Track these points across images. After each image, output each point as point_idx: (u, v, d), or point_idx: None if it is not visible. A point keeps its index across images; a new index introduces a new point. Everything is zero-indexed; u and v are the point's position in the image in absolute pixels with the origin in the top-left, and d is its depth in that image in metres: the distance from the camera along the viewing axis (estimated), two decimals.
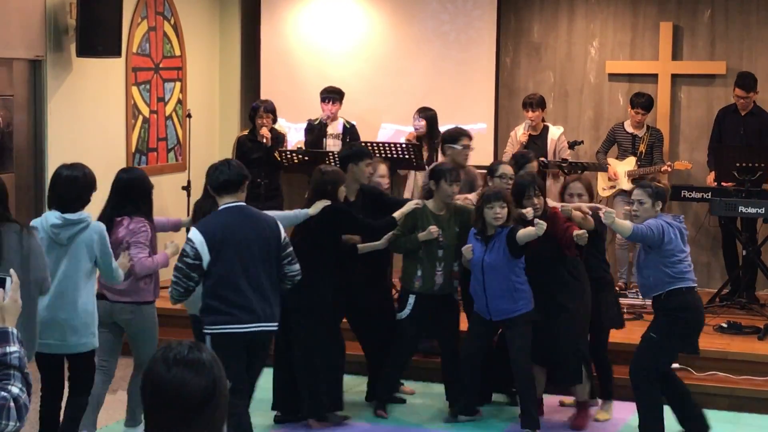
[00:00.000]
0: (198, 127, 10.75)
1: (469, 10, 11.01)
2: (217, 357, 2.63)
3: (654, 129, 10.40)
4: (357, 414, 7.83)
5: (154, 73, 10.55)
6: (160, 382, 2.50)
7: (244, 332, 6.15)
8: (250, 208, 6.34)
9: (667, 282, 6.91)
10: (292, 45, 11.45)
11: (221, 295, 6.14)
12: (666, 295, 6.91)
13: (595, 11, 11.03)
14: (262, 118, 9.85)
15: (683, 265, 6.93)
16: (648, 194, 6.99)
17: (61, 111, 9.33)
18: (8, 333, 3.16)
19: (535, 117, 10.12)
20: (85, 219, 6.26)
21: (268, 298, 6.22)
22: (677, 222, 7.00)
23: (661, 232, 6.84)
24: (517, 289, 7.24)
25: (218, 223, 6.20)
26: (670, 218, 7.02)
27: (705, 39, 10.75)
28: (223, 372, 2.59)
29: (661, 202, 7.03)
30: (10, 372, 3.09)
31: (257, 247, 6.18)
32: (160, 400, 2.50)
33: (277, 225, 6.32)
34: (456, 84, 11.03)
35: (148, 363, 2.58)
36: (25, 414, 3.06)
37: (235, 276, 6.13)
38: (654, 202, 6.99)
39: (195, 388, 2.49)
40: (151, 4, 10.41)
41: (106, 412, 7.82)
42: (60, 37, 9.28)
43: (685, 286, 6.92)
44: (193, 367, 2.51)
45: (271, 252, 6.24)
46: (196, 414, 2.50)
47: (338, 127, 10.27)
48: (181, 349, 2.55)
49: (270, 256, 6.23)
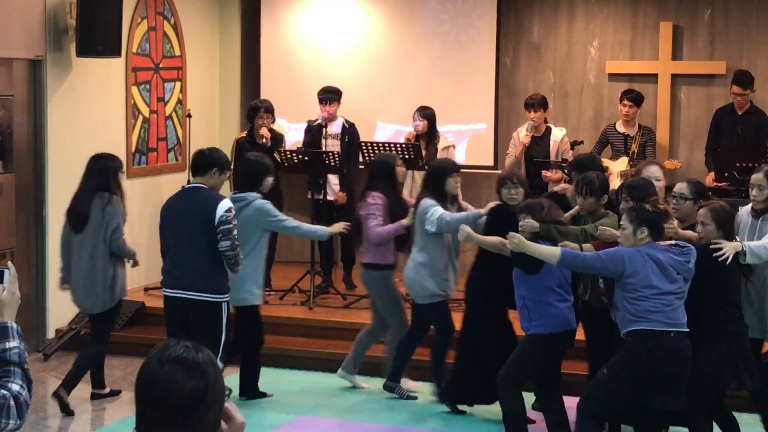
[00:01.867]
0: (198, 127, 10.75)
1: (469, 10, 11.01)
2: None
3: (646, 128, 10.39)
4: (357, 414, 7.84)
5: (154, 73, 10.55)
6: (151, 379, 2.46)
7: (170, 296, 7.18)
8: (200, 190, 7.15)
9: (628, 320, 6.08)
10: (292, 45, 11.45)
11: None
12: (626, 335, 6.10)
13: (595, 11, 11.03)
14: (262, 119, 9.85)
15: (650, 303, 6.00)
16: (629, 219, 6.16)
17: (61, 111, 9.33)
18: (7, 328, 3.13)
19: (538, 117, 10.10)
20: (245, 198, 7.63)
21: (195, 269, 7.05)
22: (668, 254, 6.08)
23: (617, 261, 6.03)
24: (531, 309, 6.71)
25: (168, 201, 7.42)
26: (660, 248, 6.10)
27: (705, 39, 10.75)
28: (220, 376, 2.54)
29: (647, 228, 6.10)
30: (10, 369, 3.07)
31: (189, 222, 7.05)
32: (151, 397, 2.46)
33: (213, 207, 7.00)
34: (456, 84, 11.03)
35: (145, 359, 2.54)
36: (26, 411, 3.04)
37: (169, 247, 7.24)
38: (636, 229, 6.12)
39: (185, 388, 2.44)
40: (151, 4, 10.41)
41: (106, 411, 7.84)
42: (60, 36, 9.28)
43: (646, 328, 6.02)
44: (186, 367, 2.47)
45: (200, 228, 7.03)
46: (185, 415, 2.45)
47: (337, 126, 10.26)
48: (177, 347, 2.51)
49: (200, 231, 7.03)
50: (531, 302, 6.69)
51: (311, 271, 9.76)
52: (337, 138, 10.19)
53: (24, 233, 9.18)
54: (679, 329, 6.05)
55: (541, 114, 10.14)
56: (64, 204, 9.37)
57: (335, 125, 10.26)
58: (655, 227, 6.12)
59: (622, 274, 6.03)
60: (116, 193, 7.81)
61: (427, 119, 9.90)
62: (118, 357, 9.10)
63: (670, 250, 6.09)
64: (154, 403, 2.46)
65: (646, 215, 6.13)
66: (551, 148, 10.07)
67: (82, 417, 7.70)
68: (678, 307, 6.07)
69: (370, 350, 8.77)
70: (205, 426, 2.48)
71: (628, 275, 6.01)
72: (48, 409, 7.98)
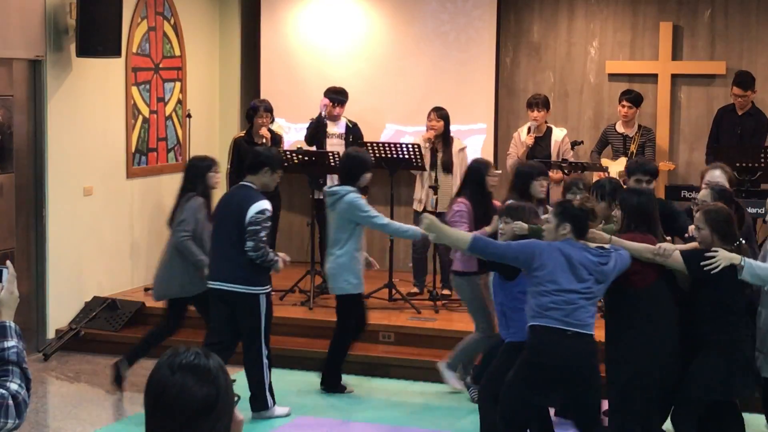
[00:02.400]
0: (198, 127, 10.75)
1: (469, 10, 11.01)
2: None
3: (645, 128, 10.39)
4: (357, 414, 7.84)
5: (154, 73, 10.55)
6: (162, 386, 2.45)
7: (211, 288, 7.53)
8: (244, 188, 7.47)
9: (529, 315, 5.98)
10: (292, 45, 11.45)
11: None
12: (527, 330, 6.01)
13: (595, 11, 11.03)
14: (261, 118, 9.85)
15: (549, 299, 5.86)
16: (554, 213, 6.10)
17: (61, 111, 9.33)
18: (6, 327, 3.14)
19: (540, 117, 10.09)
20: (338, 191, 7.91)
21: (231, 262, 7.38)
22: (583, 253, 5.94)
23: (528, 253, 5.95)
24: (508, 316, 6.57)
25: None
26: (577, 247, 5.96)
27: (705, 39, 10.75)
28: (230, 382, 2.52)
29: (569, 224, 5.97)
30: (8, 368, 3.07)
31: (228, 219, 7.41)
32: (161, 405, 2.44)
33: (247, 206, 7.32)
34: (456, 84, 11.02)
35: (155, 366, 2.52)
36: (24, 410, 3.03)
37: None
38: (559, 224, 6.02)
39: (197, 396, 2.43)
40: (151, 4, 10.40)
41: (106, 411, 7.84)
42: (60, 37, 9.28)
43: (541, 324, 5.90)
44: (197, 374, 2.45)
45: (235, 224, 7.38)
46: (196, 422, 2.43)
47: (341, 126, 10.26)
48: (187, 354, 2.49)
49: (234, 227, 7.38)
50: (508, 309, 6.54)
51: (311, 271, 9.75)
52: (341, 138, 10.20)
53: (24, 233, 9.18)
54: (579, 330, 5.87)
55: (544, 114, 10.14)
56: (64, 204, 9.40)
57: (339, 125, 10.25)
58: (579, 224, 6.01)
59: (530, 266, 5.94)
60: (203, 193, 7.99)
61: (443, 120, 9.87)
62: (118, 357, 9.09)
63: (587, 250, 5.96)
64: (166, 410, 2.44)
65: (571, 211, 6.04)
66: (552, 148, 10.07)
67: (81, 417, 7.70)
68: (582, 307, 5.89)
69: (370, 350, 8.79)
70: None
71: (536, 268, 5.92)
72: (48, 409, 7.98)
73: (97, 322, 9.47)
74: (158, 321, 8.46)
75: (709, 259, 6.03)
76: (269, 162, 7.55)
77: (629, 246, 6.15)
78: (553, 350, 5.89)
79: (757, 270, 6.05)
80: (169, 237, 8.13)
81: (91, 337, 9.34)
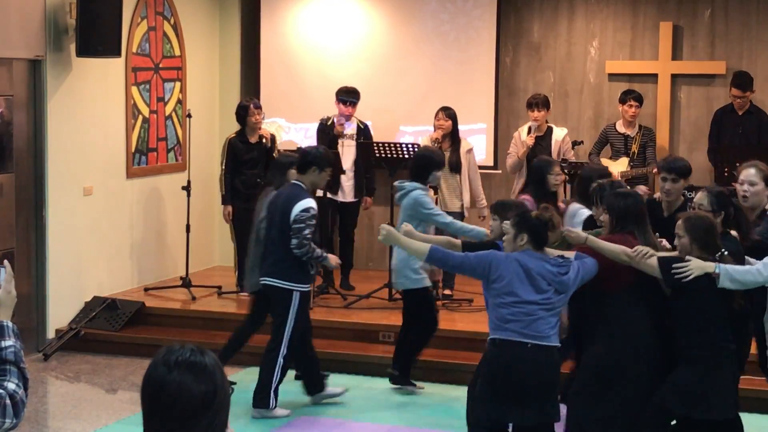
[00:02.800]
0: (198, 127, 10.75)
1: (469, 10, 11.01)
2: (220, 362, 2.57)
3: (646, 128, 10.39)
4: (357, 413, 7.84)
5: (153, 73, 10.55)
6: (159, 385, 2.45)
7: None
8: (293, 186, 7.63)
9: (490, 327, 5.90)
10: (292, 45, 11.45)
11: None
12: (488, 343, 5.93)
13: (595, 11, 11.02)
14: (254, 115, 9.80)
15: (508, 311, 5.77)
16: (512, 223, 5.96)
17: (61, 111, 9.33)
18: (3, 327, 3.14)
19: (540, 117, 10.08)
20: (405, 187, 8.03)
21: (275, 257, 7.56)
22: (541, 263, 5.84)
23: (485, 264, 5.87)
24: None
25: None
26: (535, 257, 5.85)
27: (705, 39, 10.75)
28: (225, 378, 2.53)
29: (527, 235, 5.87)
30: (6, 367, 3.07)
31: (275, 216, 7.60)
32: (159, 403, 2.45)
33: (293, 205, 7.48)
34: (456, 84, 11.02)
35: (150, 364, 2.53)
36: (22, 410, 3.03)
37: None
38: (517, 234, 5.92)
39: (195, 393, 2.44)
40: (151, 4, 10.40)
41: (106, 411, 7.83)
42: (60, 36, 9.28)
43: (500, 337, 5.80)
44: (194, 371, 2.46)
45: (280, 221, 7.57)
46: (195, 419, 2.44)
47: (352, 127, 10.22)
48: (183, 351, 2.50)
49: (279, 224, 7.57)
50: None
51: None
52: (352, 138, 10.18)
53: (24, 233, 9.18)
54: (539, 342, 5.76)
55: (544, 114, 10.13)
56: (64, 204, 9.40)
57: (350, 126, 10.21)
58: (536, 235, 5.90)
59: (488, 278, 5.86)
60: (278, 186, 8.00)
61: (451, 119, 9.84)
62: (118, 357, 9.11)
63: (545, 260, 5.85)
64: (163, 408, 2.45)
65: (528, 222, 5.93)
66: (553, 147, 10.06)
67: (81, 417, 7.70)
68: (541, 318, 5.78)
69: (370, 350, 8.79)
70: (216, 428, 2.48)
71: (493, 280, 5.83)
72: (48, 409, 7.98)
73: (97, 322, 9.47)
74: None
75: (680, 267, 5.75)
76: (316, 161, 7.67)
77: (605, 247, 5.97)
78: (512, 364, 5.77)
79: (735, 275, 5.71)
80: (257, 229, 8.09)
81: (91, 337, 9.34)
